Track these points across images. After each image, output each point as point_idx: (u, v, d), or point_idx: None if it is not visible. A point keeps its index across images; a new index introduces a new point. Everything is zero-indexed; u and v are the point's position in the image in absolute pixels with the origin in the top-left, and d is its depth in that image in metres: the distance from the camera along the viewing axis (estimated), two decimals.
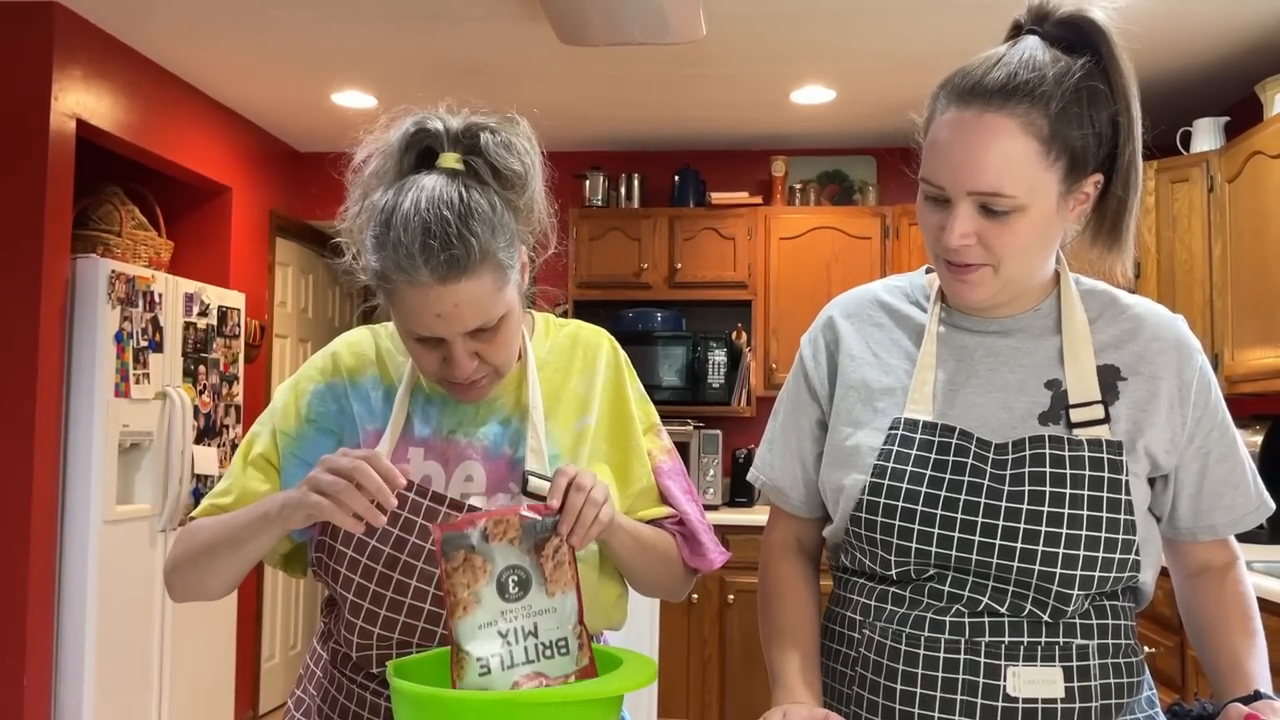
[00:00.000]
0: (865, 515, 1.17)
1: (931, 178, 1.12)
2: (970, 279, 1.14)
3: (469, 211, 1.12)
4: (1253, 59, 3.70)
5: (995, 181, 1.08)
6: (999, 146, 1.07)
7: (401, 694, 0.97)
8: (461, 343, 1.15)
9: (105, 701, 3.45)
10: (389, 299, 1.15)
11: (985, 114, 1.08)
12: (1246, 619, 1.21)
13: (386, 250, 1.11)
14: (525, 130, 1.22)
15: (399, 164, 1.17)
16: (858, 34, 3.63)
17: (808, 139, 4.93)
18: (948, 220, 1.11)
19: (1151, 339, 1.19)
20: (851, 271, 4.65)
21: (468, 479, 1.23)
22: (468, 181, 1.14)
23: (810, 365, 1.30)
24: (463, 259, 1.10)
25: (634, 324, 4.76)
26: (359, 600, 1.18)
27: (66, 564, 3.42)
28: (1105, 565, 1.11)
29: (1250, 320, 3.45)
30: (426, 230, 1.10)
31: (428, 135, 1.17)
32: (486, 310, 1.13)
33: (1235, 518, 1.21)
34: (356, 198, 1.20)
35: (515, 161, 1.18)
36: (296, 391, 1.29)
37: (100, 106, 3.64)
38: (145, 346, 3.66)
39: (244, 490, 1.25)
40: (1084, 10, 1.12)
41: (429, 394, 1.27)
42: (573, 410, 1.29)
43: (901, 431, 1.18)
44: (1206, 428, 1.19)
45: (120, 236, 3.78)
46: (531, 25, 3.53)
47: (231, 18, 3.53)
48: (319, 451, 1.24)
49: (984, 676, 1.11)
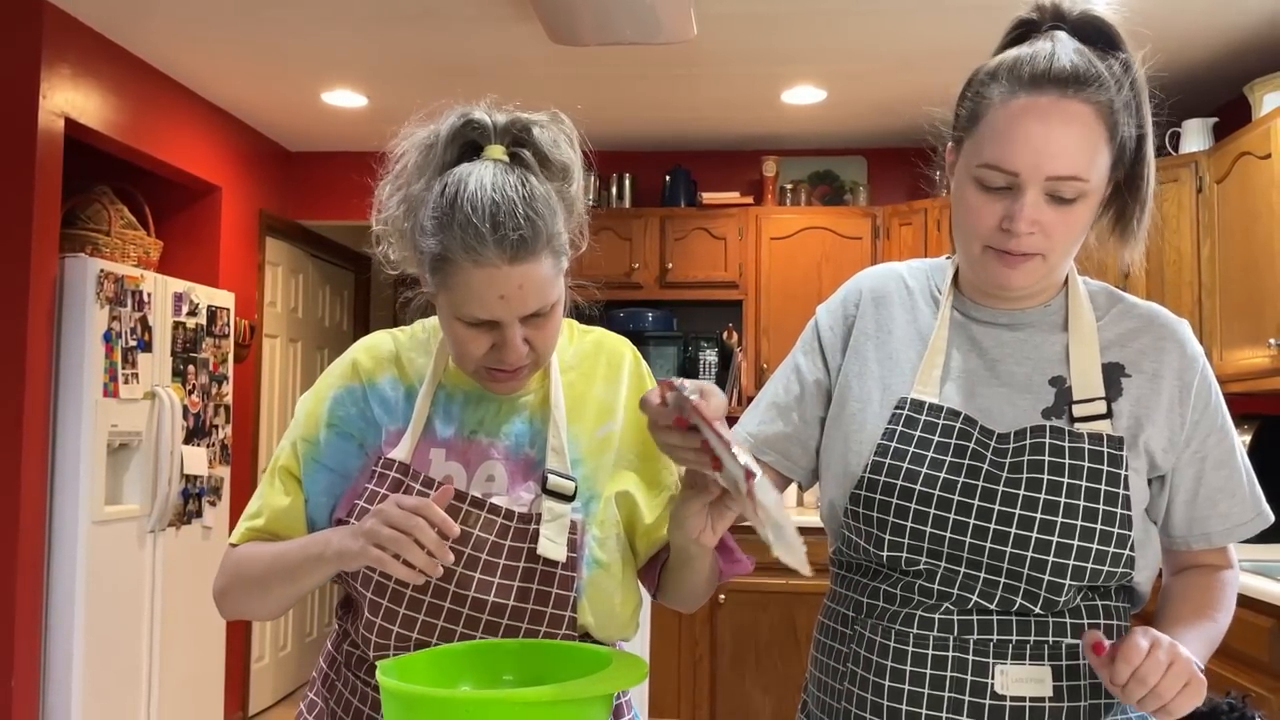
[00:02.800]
0: (865, 493, 1.18)
1: (1001, 163, 1.10)
2: (1023, 267, 1.14)
3: (532, 195, 1.13)
4: (1241, 60, 3.71)
5: (1076, 165, 1.09)
6: (1080, 130, 1.09)
7: (390, 693, 0.97)
8: (518, 327, 1.15)
9: (94, 702, 3.44)
10: (445, 282, 1.14)
11: (1064, 99, 1.09)
12: (1210, 605, 1.18)
13: (452, 231, 1.11)
14: (569, 128, 1.24)
15: (443, 156, 1.17)
16: (849, 35, 3.64)
17: (799, 139, 4.93)
18: (1011, 208, 1.11)
19: (1156, 339, 1.21)
20: (842, 272, 4.65)
21: (489, 479, 1.23)
22: (521, 169, 1.16)
23: (826, 334, 1.31)
24: (530, 240, 1.11)
25: (625, 324, 4.75)
26: (378, 599, 1.18)
27: (55, 564, 3.40)
28: (1098, 558, 1.12)
29: (1238, 320, 3.47)
30: (496, 209, 1.11)
31: (474, 128, 1.18)
32: (545, 294, 1.15)
33: (1230, 526, 1.21)
34: (393, 189, 1.20)
35: (562, 154, 1.21)
36: (317, 398, 1.30)
37: (89, 105, 3.63)
38: (134, 346, 3.65)
39: (271, 509, 1.26)
40: (1100, 12, 1.15)
41: (450, 393, 1.27)
42: (596, 416, 1.28)
43: (907, 412, 1.19)
44: (1204, 432, 1.20)
45: (109, 236, 3.76)
46: (522, 25, 3.52)
47: (222, 16, 3.52)
48: (339, 456, 1.26)
49: (973, 674, 1.11)
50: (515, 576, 1.18)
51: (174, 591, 3.87)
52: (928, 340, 1.23)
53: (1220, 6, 3.33)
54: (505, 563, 1.18)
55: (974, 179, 1.13)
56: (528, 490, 1.23)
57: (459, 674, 1.10)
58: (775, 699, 4.29)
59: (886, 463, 1.17)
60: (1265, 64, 3.67)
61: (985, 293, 1.23)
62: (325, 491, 1.26)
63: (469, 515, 1.19)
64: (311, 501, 1.27)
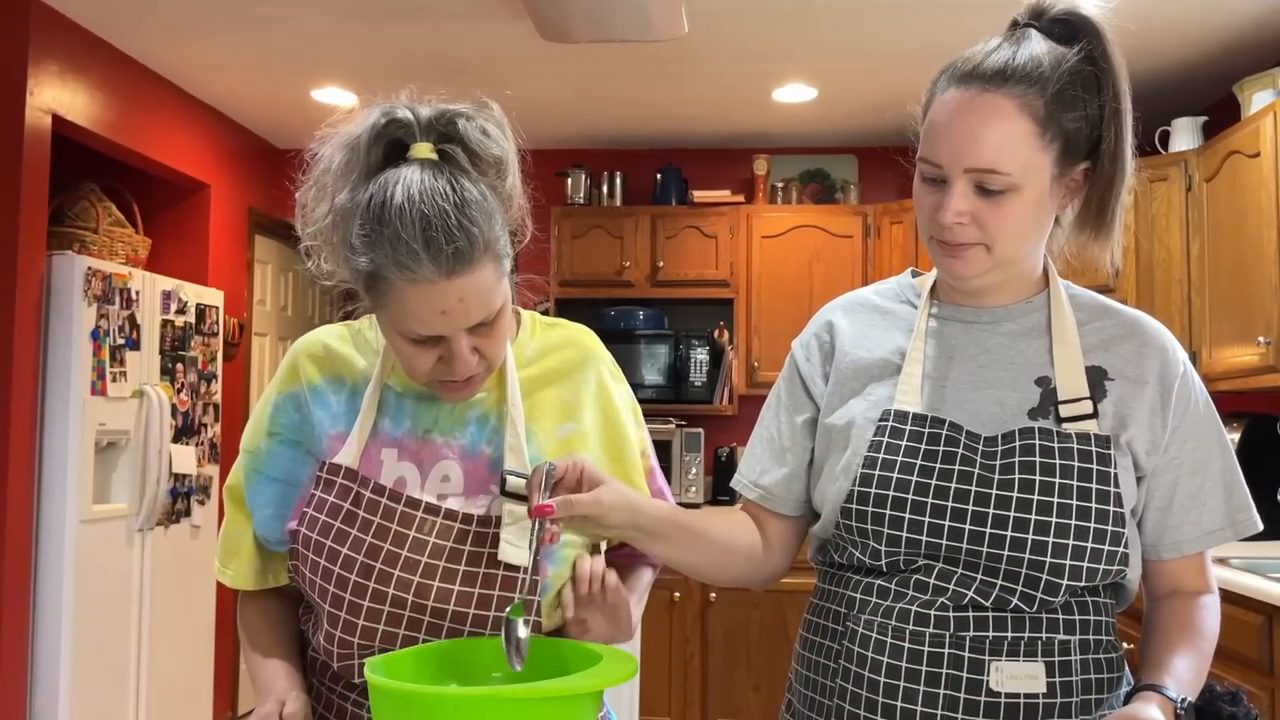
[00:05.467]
0: (856, 506, 1.18)
1: (930, 156, 1.14)
2: (964, 255, 1.16)
3: (464, 200, 1.07)
4: (1230, 59, 3.72)
5: (992, 158, 1.11)
6: (997, 125, 1.11)
7: (379, 691, 0.96)
8: (464, 339, 1.10)
9: (81, 703, 3.42)
10: (381, 300, 1.09)
11: (984, 94, 1.11)
12: (1197, 634, 1.18)
13: (382, 249, 1.05)
14: (499, 115, 1.16)
15: (366, 159, 1.10)
16: (839, 33, 3.64)
17: (790, 137, 4.93)
18: (943, 199, 1.14)
19: (1139, 345, 1.22)
20: (833, 270, 4.66)
21: (444, 479, 1.20)
22: (451, 170, 1.09)
23: (804, 365, 1.31)
24: (467, 251, 1.05)
25: (616, 322, 4.75)
26: (335, 610, 1.14)
27: (42, 564, 3.38)
28: (1094, 556, 1.12)
29: (1227, 318, 3.48)
30: (427, 223, 1.04)
31: (398, 126, 1.11)
32: (489, 302, 1.10)
33: (1200, 534, 1.21)
34: (320, 198, 1.12)
35: (494, 146, 1.13)
36: (261, 406, 1.25)
37: (77, 102, 3.61)
38: (122, 344, 3.63)
39: (235, 548, 1.26)
40: (1077, 7, 1.16)
41: (400, 393, 1.22)
42: (557, 414, 1.25)
43: (891, 423, 1.19)
44: (1182, 438, 1.20)
45: (97, 233, 3.74)
46: (513, 22, 3.51)
47: (211, 13, 3.50)
48: (284, 465, 1.22)
49: (968, 671, 1.12)
50: (476, 582, 1.15)
51: (162, 591, 3.86)
52: (905, 349, 1.24)
53: (1209, 6, 3.33)
54: (465, 569, 1.15)
55: (919, 172, 1.18)
56: (485, 492, 1.19)
57: (447, 671, 1.10)
58: (766, 697, 4.30)
59: (876, 474, 1.17)
60: (1254, 63, 3.68)
61: (958, 290, 1.24)
62: (272, 503, 1.22)
63: (424, 523, 1.16)
64: (257, 516, 1.22)
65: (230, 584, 1.26)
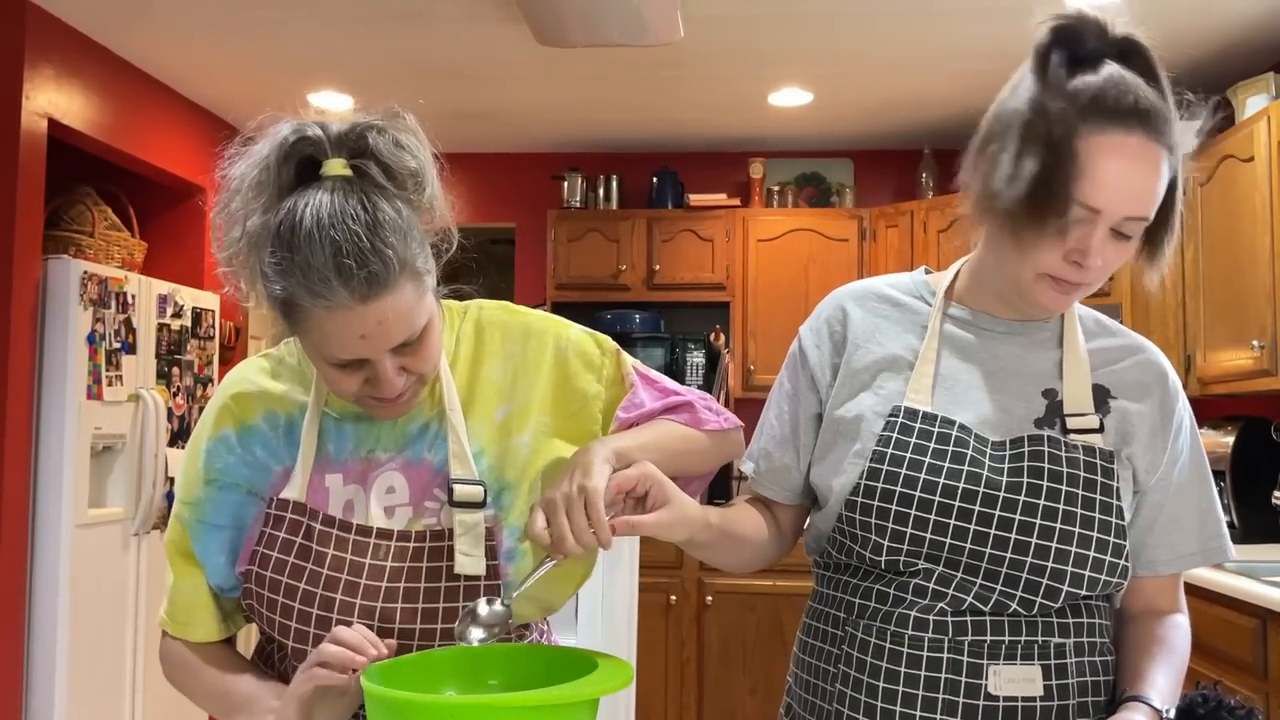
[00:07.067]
0: (862, 500, 1.18)
1: (1086, 199, 1.08)
2: (1074, 294, 1.16)
3: (377, 221, 1.02)
4: (1224, 64, 3.73)
5: (1150, 206, 1.11)
6: (1156, 174, 1.10)
7: (374, 698, 0.96)
8: (389, 360, 1.07)
9: (77, 706, 3.41)
10: (298, 327, 1.06)
11: (1149, 142, 1.09)
12: (1172, 650, 1.19)
13: (294, 276, 1.01)
14: (412, 124, 1.11)
15: (277, 178, 1.05)
16: (835, 37, 3.64)
17: (785, 141, 4.94)
18: (1082, 241, 1.10)
19: (1141, 368, 1.24)
20: (829, 273, 4.67)
21: (389, 490, 1.17)
22: (364, 188, 1.04)
23: (813, 354, 1.29)
24: (382, 274, 1.01)
25: (612, 325, 4.75)
26: (300, 645, 1.13)
27: (38, 568, 3.38)
28: (1096, 566, 1.14)
29: (1222, 322, 3.49)
30: (337, 249, 1.00)
31: (307, 143, 1.06)
32: (412, 321, 1.06)
33: (1174, 556, 1.23)
34: (232, 222, 1.08)
35: (409, 159, 1.08)
36: (192, 455, 1.20)
37: (72, 106, 3.60)
38: (118, 348, 3.63)
39: (171, 595, 1.22)
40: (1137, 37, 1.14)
41: (339, 418, 1.19)
42: (491, 400, 1.21)
43: (901, 419, 1.19)
44: (1171, 461, 1.22)
45: (93, 237, 3.74)
46: (509, 26, 3.52)
47: (206, 16, 3.50)
48: (227, 510, 1.18)
49: (966, 675, 1.13)
50: (438, 597, 1.13)
51: (158, 595, 3.84)
52: (918, 347, 1.24)
53: (1203, 10, 3.34)
54: (426, 585, 1.14)
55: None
56: (431, 498, 1.17)
57: (443, 679, 1.10)
58: (762, 700, 4.30)
59: (884, 469, 1.17)
60: (1248, 67, 3.69)
61: (1006, 304, 1.23)
62: (224, 550, 1.18)
63: (378, 548, 1.14)
64: (210, 566, 1.19)
65: (196, 640, 1.22)
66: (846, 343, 1.27)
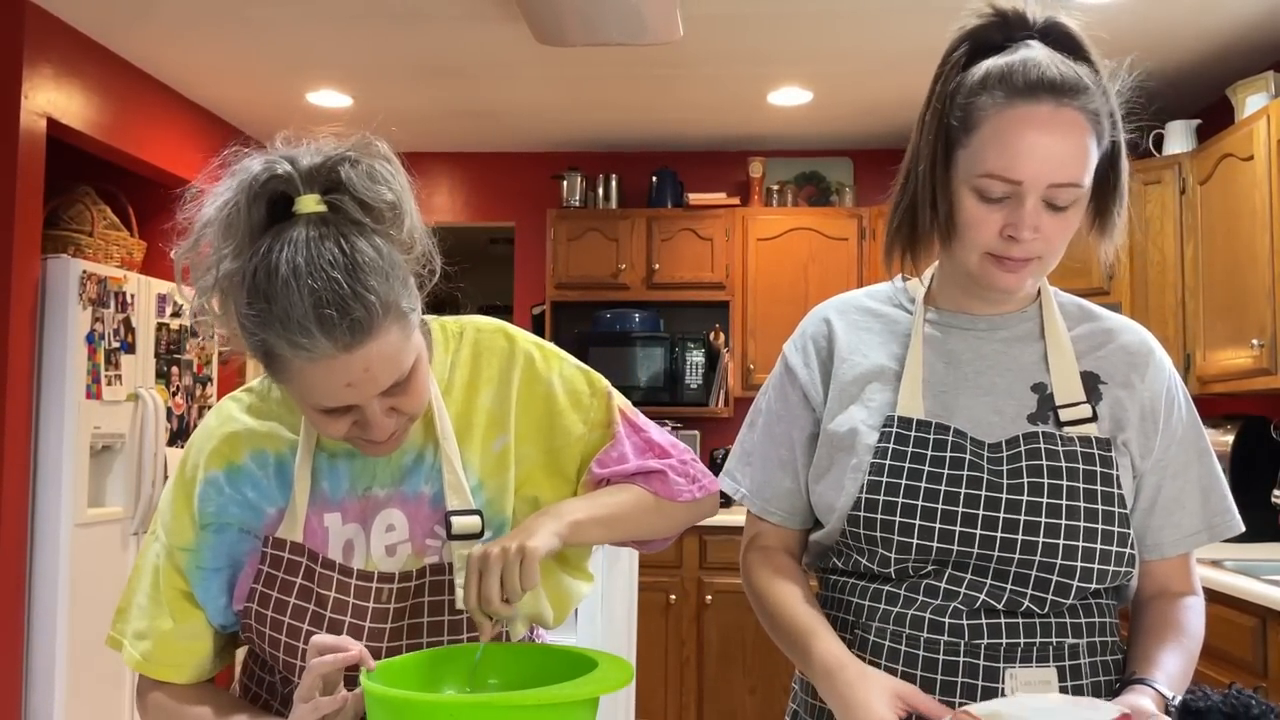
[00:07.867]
0: (864, 514, 1.17)
1: (1005, 173, 1.10)
2: (1024, 270, 1.15)
3: (356, 264, 0.97)
4: (1224, 62, 3.73)
5: (1074, 172, 1.10)
6: (1076, 139, 1.10)
7: (375, 698, 0.96)
8: (377, 403, 1.03)
9: (77, 705, 3.41)
10: (282, 377, 1.02)
11: (1061, 108, 1.10)
12: (1183, 633, 1.19)
13: (273, 328, 0.97)
14: (385, 151, 1.05)
15: (248, 219, 1.00)
16: (835, 36, 3.64)
17: (785, 140, 4.94)
18: (1012, 215, 1.11)
19: (1126, 351, 1.23)
20: (828, 272, 4.67)
21: (389, 528, 1.15)
22: (341, 228, 0.99)
23: (802, 373, 1.28)
24: (365, 321, 0.97)
25: (611, 325, 4.75)
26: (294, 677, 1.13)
27: (37, 567, 3.38)
28: (1103, 557, 1.14)
29: (1221, 321, 3.49)
30: (317, 299, 0.95)
31: (278, 180, 1.01)
32: (399, 364, 1.02)
33: (1180, 536, 1.22)
34: (204, 267, 1.03)
35: (385, 191, 1.02)
36: (181, 499, 1.16)
37: (71, 105, 3.60)
38: (117, 348, 3.63)
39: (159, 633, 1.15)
40: (1065, 20, 1.16)
41: (332, 455, 1.16)
42: (487, 429, 1.18)
43: (896, 429, 1.19)
44: (1167, 442, 1.22)
45: (92, 236, 3.74)
46: (508, 25, 3.52)
47: (206, 16, 3.50)
48: (223, 551, 1.15)
49: (983, 679, 1.12)
50: (443, 632, 1.14)
51: None
52: (902, 355, 1.23)
53: (1203, 9, 3.35)
54: (429, 620, 1.14)
55: (974, 189, 1.13)
56: (432, 535, 1.15)
57: (444, 678, 1.10)
58: (762, 699, 4.30)
59: (884, 481, 1.17)
60: (1248, 66, 3.69)
61: (973, 298, 1.23)
62: (223, 593, 1.16)
63: (380, 592, 1.13)
64: (211, 608, 1.16)
65: (187, 681, 1.18)
66: (834, 356, 1.27)
